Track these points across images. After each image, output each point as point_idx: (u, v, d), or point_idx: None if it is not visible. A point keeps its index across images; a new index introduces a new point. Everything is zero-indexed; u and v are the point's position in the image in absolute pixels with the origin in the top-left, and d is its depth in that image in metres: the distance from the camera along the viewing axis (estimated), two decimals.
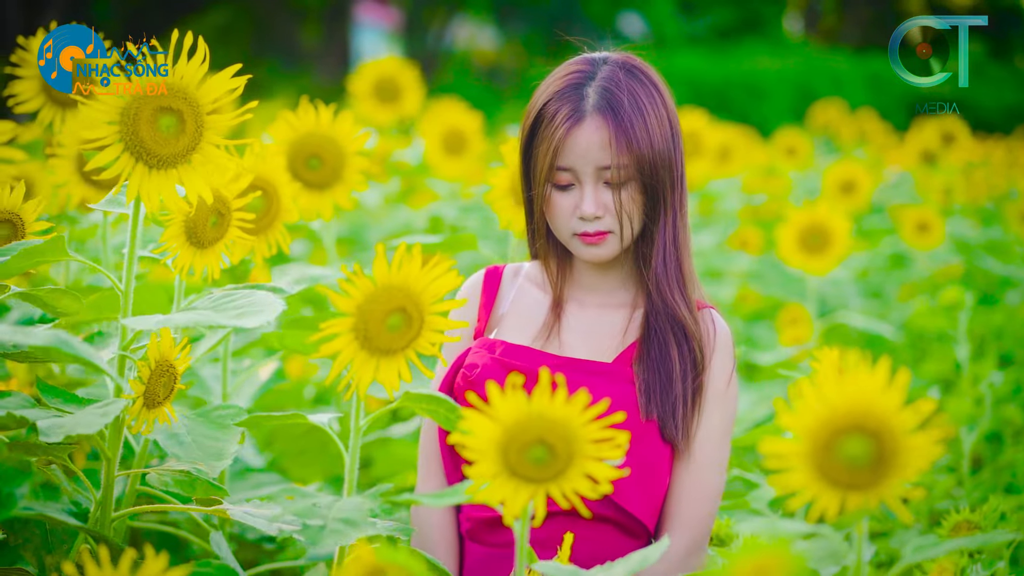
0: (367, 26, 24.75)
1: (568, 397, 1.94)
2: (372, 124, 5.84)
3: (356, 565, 1.79)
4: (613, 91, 2.72)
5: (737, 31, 21.60)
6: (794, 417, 1.81)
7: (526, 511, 2.00)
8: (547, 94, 2.76)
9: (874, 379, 1.79)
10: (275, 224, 2.87)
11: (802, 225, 4.76)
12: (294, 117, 3.22)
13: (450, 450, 2.80)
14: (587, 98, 2.72)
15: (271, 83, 18.74)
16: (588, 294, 2.85)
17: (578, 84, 2.74)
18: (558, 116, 2.71)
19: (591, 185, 2.71)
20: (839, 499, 1.79)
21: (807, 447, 1.80)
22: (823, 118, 12.72)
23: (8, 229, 2.48)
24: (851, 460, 1.78)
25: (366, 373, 2.23)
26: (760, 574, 1.62)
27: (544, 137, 2.73)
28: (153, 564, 1.74)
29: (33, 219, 2.51)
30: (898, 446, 1.77)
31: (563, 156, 2.71)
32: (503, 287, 2.90)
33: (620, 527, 2.74)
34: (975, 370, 4.99)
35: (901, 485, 1.78)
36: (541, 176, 2.74)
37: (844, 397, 1.79)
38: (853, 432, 1.78)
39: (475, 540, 2.78)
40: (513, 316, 2.85)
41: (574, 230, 2.74)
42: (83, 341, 2.11)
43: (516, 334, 2.82)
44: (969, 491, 4.20)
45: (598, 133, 2.69)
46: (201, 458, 2.37)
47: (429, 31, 22.79)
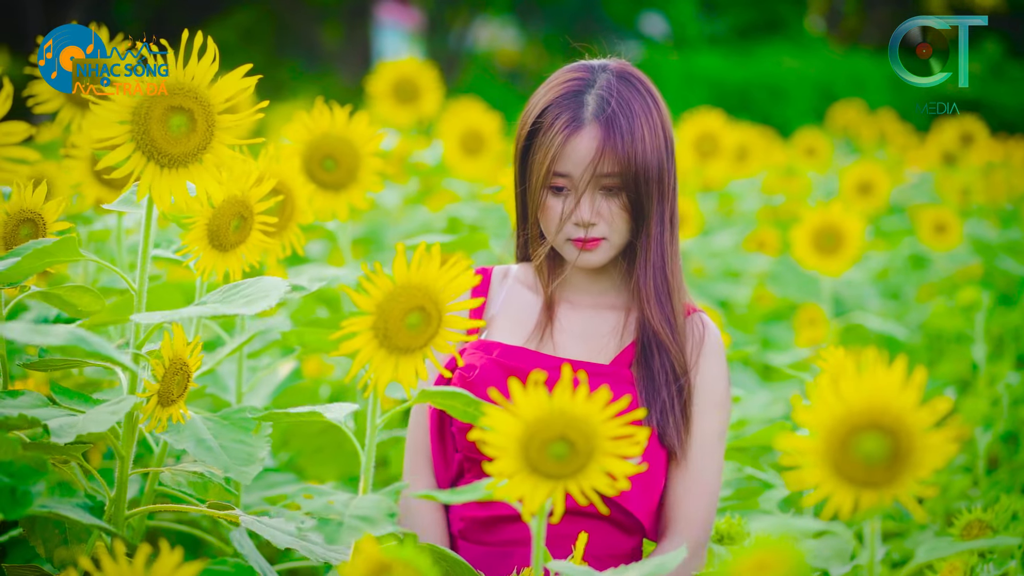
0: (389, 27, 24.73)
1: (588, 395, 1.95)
2: (391, 125, 5.85)
3: (362, 561, 1.80)
4: (612, 100, 2.73)
5: (759, 31, 21.54)
6: (811, 414, 1.82)
7: (544, 508, 2.02)
8: (546, 100, 2.78)
9: (891, 377, 1.80)
10: (289, 225, 2.89)
11: (816, 226, 4.76)
12: (309, 118, 3.23)
13: (441, 447, 2.81)
14: (587, 106, 2.74)
15: (293, 84, 18.77)
16: (580, 295, 2.87)
17: (578, 91, 2.76)
18: (557, 123, 2.73)
19: (587, 192, 2.73)
20: (854, 496, 1.80)
21: (823, 444, 1.81)
22: (843, 119, 12.69)
23: (30, 228, 2.50)
24: (867, 457, 1.79)
25: (385, 371, 2.24)
26: (762, 570, 1.63)
27: (543, 143, 2.75)
28: (167, 559, 1.76)
29: (54, 219, 2.53)
30: (913, 444, 1.78)
31: (561, 162, 2.73)
32: (492, 289, 2.91)
33: (617, 524, 2.77)
34: (992, 370, 4.98)
35: (916, 483, 1.79)
36: (538, 181, 2.75)
37: (861, 395, 1.80)
38: (869, 430, 1.80)
39: (469, 540, 2.79)
40: (504, 318, 2.87)
41: (568, 235, 2.76)
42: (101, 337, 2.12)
43: (508, 335, 2.85)
44: (985, 491, 4.20)
45: (597, 141, 2.71)
46: (230, 464, 2.38)
47: (451, 32, 22.76)
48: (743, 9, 22.30)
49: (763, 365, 5.58)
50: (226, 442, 2.42)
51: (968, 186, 8.15)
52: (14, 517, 2.06)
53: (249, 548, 2.53)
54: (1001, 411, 4.48)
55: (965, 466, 4.46)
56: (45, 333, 2.05)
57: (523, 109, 2.84)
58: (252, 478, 2.39)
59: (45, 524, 2.36)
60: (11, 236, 2.50)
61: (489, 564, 2.74)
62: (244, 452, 2.42)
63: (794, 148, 9.82)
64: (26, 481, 2.05)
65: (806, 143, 9.57)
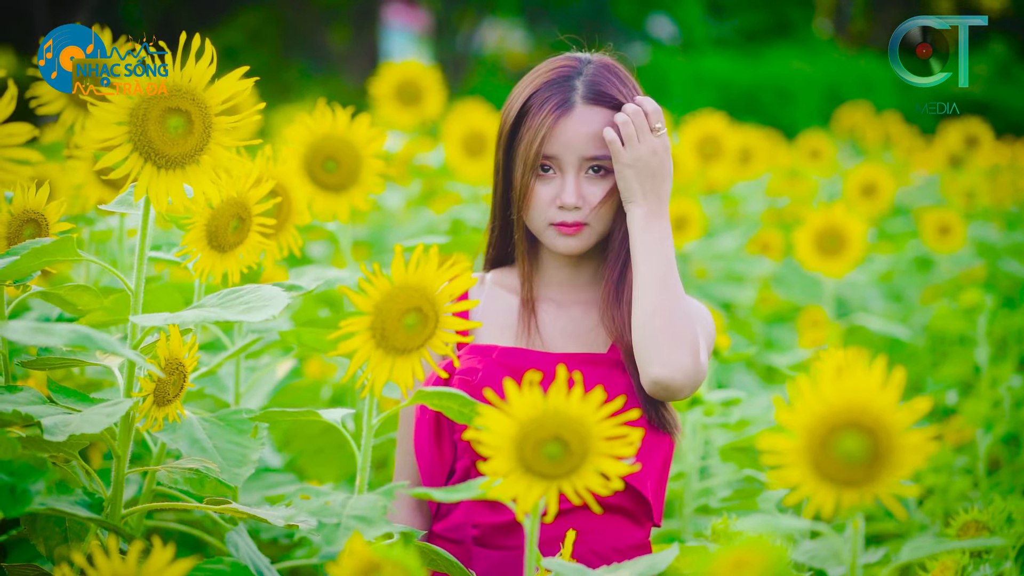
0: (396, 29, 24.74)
1: (583, 393, 1.96)
2: (394, 127, 5.86)
3: (351, 560, 1.81)
4: (602, 84, 2.76)
5: (766, 34, 21.54)
6: (791, 414, 1.84)
7: (537, 508, 2.03)
8: (533, 85, 2.79)
9: (871, 377, 1.81)
10: (287, 227, 2.89)
11: (818, 228, 4.77)
12: (311, 119, 3.24)
13: (438, 451, 2.81)
14: (576, 89, 2.76)
15: (300, 86, 18.77)
16: (563, 292, 2.87)
17: (567, 76, 2.78)
18: (547, 105, 2.74)
19: (573, 175, 2.74)
20: (835, 495, 1.81)
21: (804, 443, 1.82)
22: (849, 121, 12.68)
23: (33, 228, 2.52)
24: (847, 457, 1.81)
25: (382, 372, 2.26)
26: (740, 568, 1.64)
27: (531, 126, 2.75)
28: (160, 556, 1.77)
29: (56, 219, 2.55)
30: (893, 444, 1.80)
31: (550, 144, 2.74)
32: (470, 295, 2.88)
33: (629, 516, 2.77)
34: (994, 372, 4.99)
35: (896, 482, 1.80)
36: (526, 165, 2.75)
37: (841, 395, 1.82)
38: (849, 429, 1.81)
39: (486, 546, 2.78)
40: (488, 322, 2.85)
41: (551, 220, 2.76)
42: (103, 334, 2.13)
43: (498, 338, 2.84)
44: (985, 493, 4.21)
45: (586, 124, 2.74)
46: (223, 465, 2.40)
47: (458, 34, 22.77)
48: (751, 12, 22.30)
49: (766, 367, 5.59)
50: (220, 443, 2.43)
51: (973, 188, 8.16)
52: (14, 515, 2.07)
53: (245, 548, 2.54)
54: (1003, 413, 4.49)
55: (966, 468, 4.47)
56: (48, 332, 2.06)
57: (506, 100, 2.85)
58: (244, 479, 2.40)
59: (47, 523, 2.38)
60: (15, 236, 2.51)
61: (506, 568, 2.74)
62: (238, 453, 2.43)
63: (798, 150, 9.82)
64: (25, 479, 2.06)
65: (810, 145, 9.57)
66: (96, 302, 2.53)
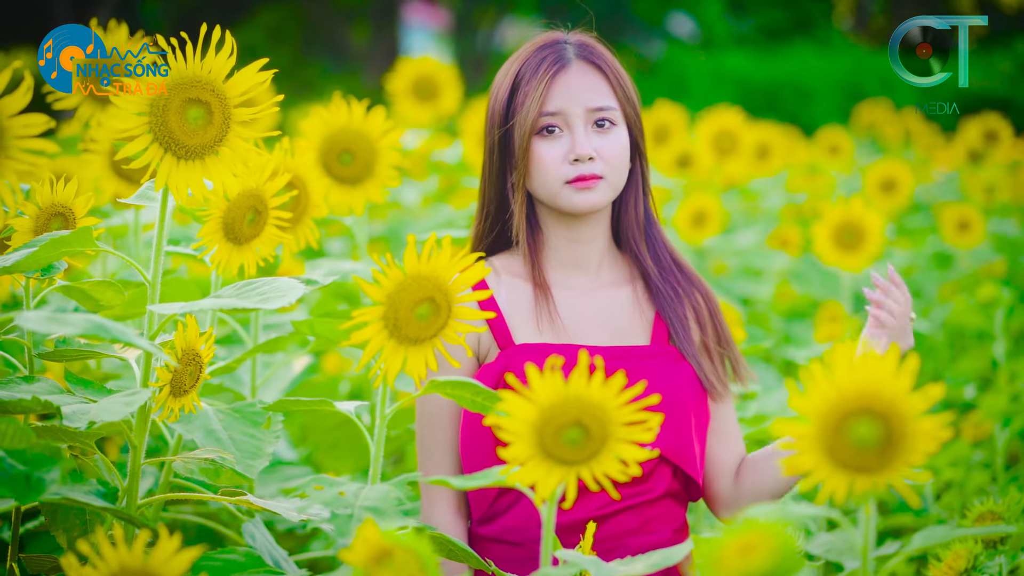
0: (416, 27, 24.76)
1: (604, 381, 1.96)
2: (411, 123, 5.86)
3: (363, 546, 1.82)
4: (592, 47, 2.80)
5: (786, 31, 21.49)
6: (805, 400, 1.84)
7: (555, 494, 2.03)
8: (520, 59, 2.80)
9: (884, 364, 1.81)
10: (303, 219, 2.90)
11: (837, 222, 4.75)
12: (327, 112, 3.25)
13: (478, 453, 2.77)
14: (568, 50, 2.78)
15: (320, 84, 18.79)
16: (576, 276, 2.83)
17: (555, 41, 2.81)
18: (542, 66, 2.75)
19: (581, 127, 2.73)
20: (847, 482, 1.81)
21: (817, 429, 1.83)
22: (869, 118, 12.65)
23: (60, 222, 2.52)
24: (860, 443, 1.81)
25: (395, 361, 2.27)
26: (747, 551, 1.65)
27: (527, 91, 2.74)
28: (167, 544, 1.77)
29: (83, 213, 2.56)
30: (906, 430, 1.80)
31: (551, 100, 2.72)
32: (490, 288, 2.81)
33: (676, 498, 2.78)
34: (1012, 367, 4.98)
35: (909, 469, 1.80)
36: (530, 128, 2.72)
37: (854, 381, 1.82)
38: (862, 415, 1.81)
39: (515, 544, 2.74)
40: (518, 317, 2.79)
41: (566, 177, 2.72)
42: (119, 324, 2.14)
43: (533, 332, 2.78)
44: (1003, 487, 4.20)
45: (586, 76, 2.75)
46: (238, 457, 2.41)
47: (478, 32, 22.77)
48: (771, 9, 22.25)
49: (784, 361, 5.58)
50: (236, 434, 2.44)
51: (993, 184, 8.13)
52: (28, 503, 2.08)
53: (262, 539, 2.55)
54: (1021, 407, 4.48)
55: (984, 463, 4.46)
56: (63, 322, 2.08)
57: (491, 87, 2.83)
58: (258, 471, 2.41)
59: (67, 514, 2.39)
60: (42, 229, 2.52)
61: None
62: (252, 445, 2.44)
63: (817, 146, 9.80)
64: (40, 468, 2.07)
65: (829, 141, 9.55)
66: (118, 297, 2.54)
